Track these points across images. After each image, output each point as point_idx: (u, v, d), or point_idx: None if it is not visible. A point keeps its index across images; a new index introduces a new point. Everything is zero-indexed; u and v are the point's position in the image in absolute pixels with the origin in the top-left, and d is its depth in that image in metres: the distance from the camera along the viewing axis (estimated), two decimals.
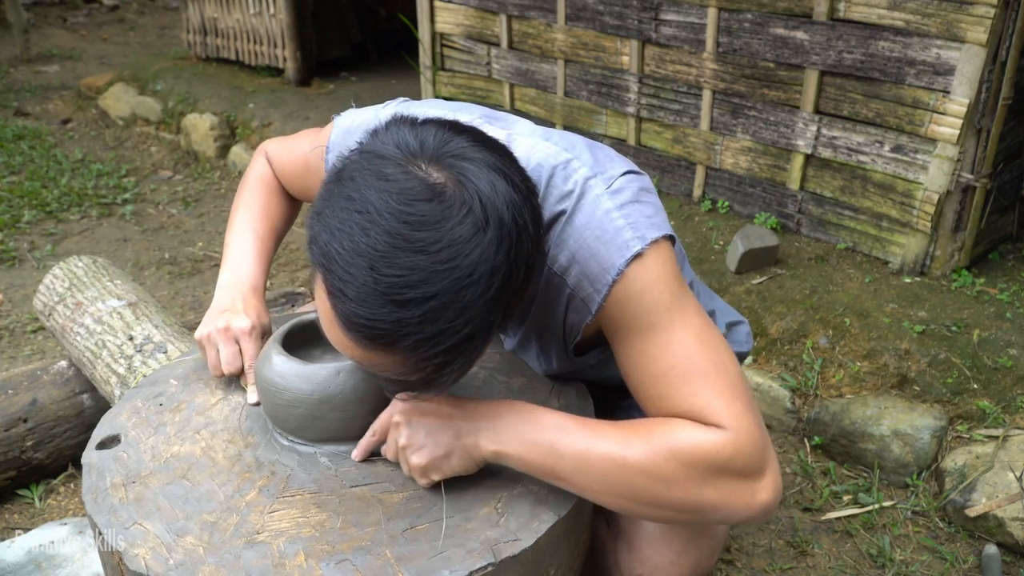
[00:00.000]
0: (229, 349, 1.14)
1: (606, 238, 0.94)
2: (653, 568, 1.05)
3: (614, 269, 0.93)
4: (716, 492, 0.87)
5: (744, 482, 0.88)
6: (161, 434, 1.07)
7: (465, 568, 0.84)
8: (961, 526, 1.83)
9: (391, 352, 0.80)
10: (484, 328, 0.81)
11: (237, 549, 0.87)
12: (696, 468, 0.87)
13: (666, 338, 0.93)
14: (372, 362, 0.83)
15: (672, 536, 1.04)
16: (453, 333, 0.78)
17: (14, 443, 1.88)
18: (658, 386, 0.94)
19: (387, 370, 0.83)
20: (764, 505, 0.89)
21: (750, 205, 2.89)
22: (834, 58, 2.49)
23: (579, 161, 1.00)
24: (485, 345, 0.84)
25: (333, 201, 0.79)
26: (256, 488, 0.96)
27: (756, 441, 0.89)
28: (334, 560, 0.86)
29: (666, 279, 0.95)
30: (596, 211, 0.95)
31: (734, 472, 0.87)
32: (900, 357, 2.12)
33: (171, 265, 3.26)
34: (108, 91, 5.25)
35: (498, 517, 0.91)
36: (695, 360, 0.92)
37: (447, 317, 0.77)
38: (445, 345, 0.79)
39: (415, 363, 0.81)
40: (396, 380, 0.85)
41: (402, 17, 4.28)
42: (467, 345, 0.80)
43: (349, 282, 0.77)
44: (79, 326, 1.80)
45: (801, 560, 1.77)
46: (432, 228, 0.76)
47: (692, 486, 0.87)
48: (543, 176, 0.99)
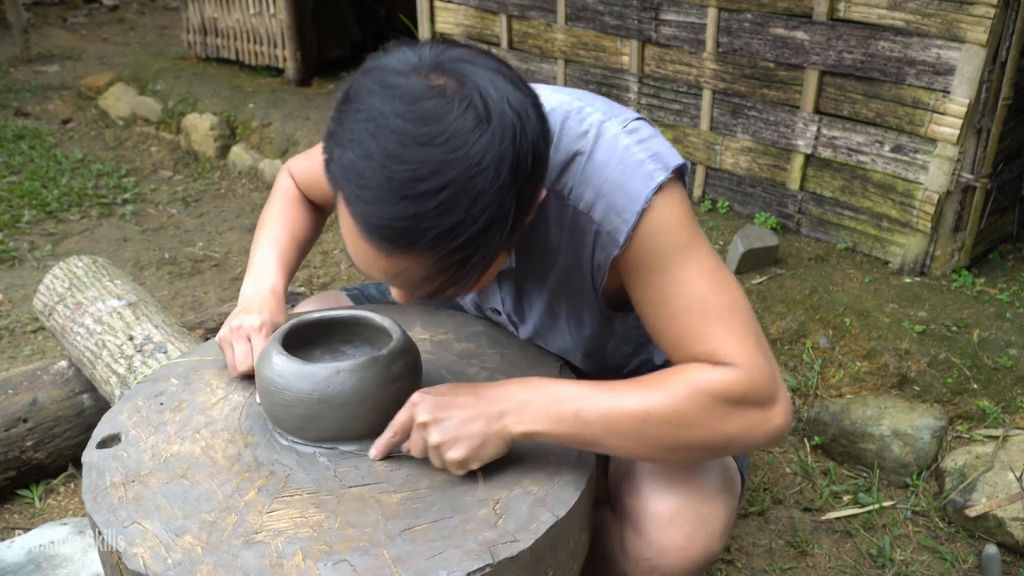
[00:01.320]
0: (241, 347, 1.16)
1: (630, 171, 0.97)
2: (662, 552, 1.04)
3: (642, 198, 0.96)
4: (736, 425, 0.93)
5: (760, 411, 0.94)
6: (161, 433, 1.07)
7: (463, 569, 0.84)
8: (961, 526, 1.83)
9: (413, 253, 0.83)
10: (500, 217, 0.83)
11: (235, 549, 0.87)
12: (716, 407, 0.93)
13: (682, 277, 0.97)
14: (398, 269, 0.86)
15: (681, 519, 1.03)
16: (470, 224, 0.81)
17: (14, 443, 1.88)
18: (676, 325, 0.98)
19: (414, 275, 0.86)
20: (779, 429, 0.95)
21: (750, 205, 2.89)
22: (834, 58, 2.49)
23: (592, 107, 1.03)
24: (503, 238, 0.86)
25: (343, 118, 0.84)
26: (255, 488, 0.96)
27: (767, 374, 0.94)
28: (332, 560, 0.85)
29: (685, 213, 0.99)
30: (616, 147, 0.98)
31: (750, 404, 0.93)
32: (900, 357, 2.12)
33: (171, 265, 3.26)
34: (108, 91, 5.25)
35: (496, 518, 0.91)
36: (709, 300, 0.96)
37: (462, 207, 0.80)
38: (464, 237, 0.82)
39: (438, 262, 0.84)
40: (424, 286, 0.88)
41: (402, 17, 4.28)
42: (485, 237, 0.83)
43: (365, 186, 0.81)
44: (79, 326, 1.80)
45: (801, 560, 1.77)
46: (436, 122, 0.79)
47: (715, 424, 0.93)
48: (557, 120, 1.01)
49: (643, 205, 0.96)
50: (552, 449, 1.02)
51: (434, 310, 1.39)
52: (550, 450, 1.02)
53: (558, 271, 1.10)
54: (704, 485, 1.05)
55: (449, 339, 1.28)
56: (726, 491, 1.07)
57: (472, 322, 1.34)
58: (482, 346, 1.26)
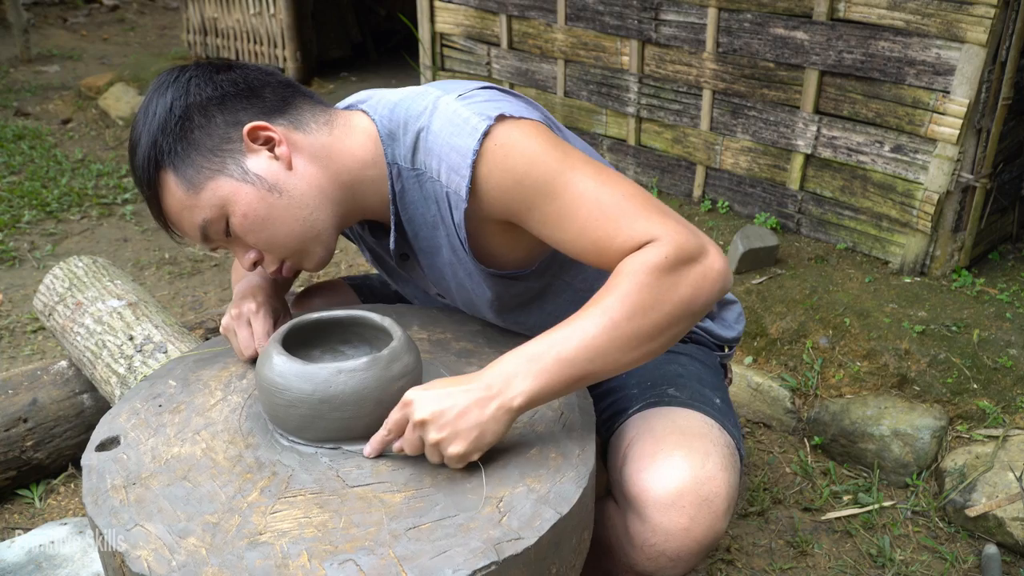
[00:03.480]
0: (244, 332, 1.21)
1: (457, 130, 1.04)
2: (666, 536, 1.04)
3: (470, 151, 1.02)
4: (687, 286, 0.99)
5: (697, 264, 0.99)
6: (161, 435, 1.07)
7: (469, 567, 0.84)
8: (961, 526, 1.83)
9: (165, 174, 1.08)
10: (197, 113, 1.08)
11: (240, 550, 0.87)
12: (662, 280, 0.97)
13: (570, 194, 1.02)
14: (183, 204, 1.09)
15: (683, 501, 1.04)
16: None
17: (14, 443, 1.88)
18: (588, 236, 1.02)
19: (195, 209, 1.09)
20: (721, 270, 1.01)
21: (750, 205, 2.89)
22: (834, 58, 2.49)
23: (433, 88, 1.12)
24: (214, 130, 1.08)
25: None
26: (258, 489, 0.96)
27: (685, 233, 1.00)
28: (338, 560, 0.86)
29: (530, 143, 1.03)
30: (447, 113, 1.06)
31: (685, 263, 0.98)
32: (900, 357, 2.12)
33: (171, 265, 3.26)
34: (108, 91, 5.25)
35: (500, 516, 0.91)
36: (604, 200, 1.01)
37: None
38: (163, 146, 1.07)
39: (188, 175, 1.07)
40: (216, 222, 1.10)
41: (402, 17, 4.28)
42: (190, 136, 1.07)
43: None
44: (79, 326, 1.80)
45: (801, 560, 1.77)
46: None
47: (671, 294, 0.98)
48: (401, 108, 1.12)
49: (472, 158, 1.02)
50: (553, 446, 1.03)
51: (432, 310, 1.40)
52: (551, 447, 1.03)
53: (445, 243, 1.16)
54: (704, 466, 1.05)
55: (447, 338, 1.29)
56: (726, 469, 1.07)
57: (470, 321, 1.34)
58: (479, 345, 1.27)
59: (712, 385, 1.28)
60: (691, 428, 1.11)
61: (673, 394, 1.20)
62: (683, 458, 1.05)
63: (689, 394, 1.21)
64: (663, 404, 1.19)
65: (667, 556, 1.06)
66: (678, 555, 1.05)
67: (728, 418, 1.20)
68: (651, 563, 1.08)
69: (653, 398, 1.21)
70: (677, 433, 1.10)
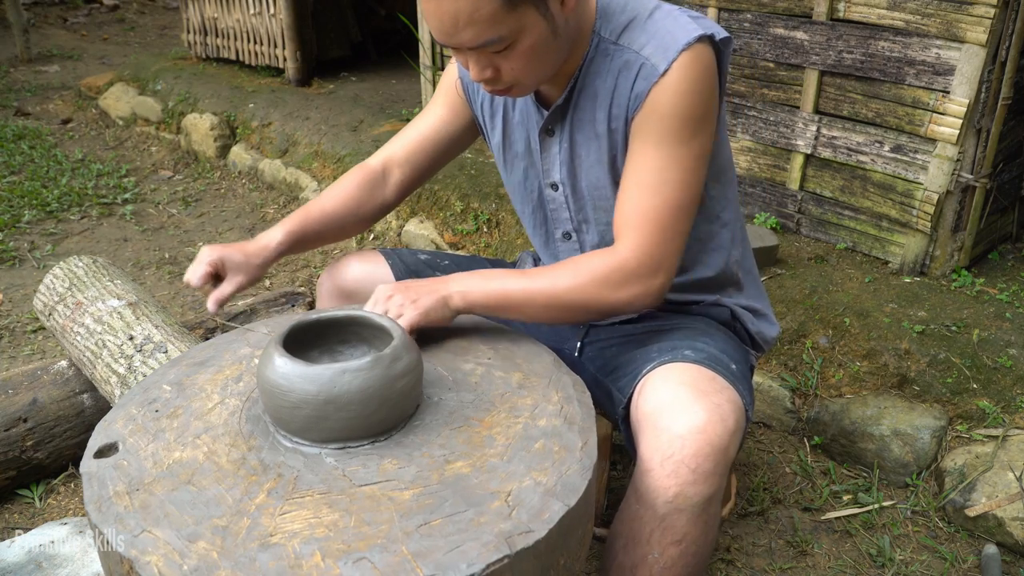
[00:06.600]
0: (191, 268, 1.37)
1: (679, 25, 1.18)
2: (682, 442, 1.10)
3: (686, 39, 1.16)
4: (625, 295, 1.22)
5: (645, 281, 1.21)
6: (160, 440, 1.06)
7: (483, 561, 0.85)
8: (961, 526, 1.84)
9: None
10: None
11: (252, 552, 0.87)
12: (607, 286, 1.21)
13: (660, 161, 1.19)
14: (490, 13, 1.08)
15: (696, 406, 1.12)
16: None
17: (14, 443, 1.88)
18: (625, 196, 1.22)
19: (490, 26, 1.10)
20: (656, 295, 1.23)
21: (750, 205, 2.89)
22: (834, 58, 2.49)
23: None
24: None
25: None
26: (264, 491, 0.96)
27: (653, 256, 1.20)
28: (351, 559, 0.86)
29: (707, 87, 1.18)
30: (672, 13, 1.21)
31: (634, 279, 1.21)
32: (900, 357, 2.12)
33: (171, 265, 3.26)
34: (108, 91, 5.25)
35: (509, 510, 0.92)
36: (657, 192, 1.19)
37: None
38: None
39: None
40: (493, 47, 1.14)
41: (402, 17, 4.28)
42: None
43: None
44: (79, 326, 1.81)
45: (801, 560, 1.77)
46: None
47: (607, 296, 1.21)
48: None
49: (685, 44, 1.15)
50: (556, 439, 1.04)
51: None
52: (554, 441, 1.04)
53: (603, 117, 1.27)
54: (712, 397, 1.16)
55: (440, 334, 1.30)
56: (732, 402, 1.18)
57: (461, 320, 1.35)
58: (473, 342, 1.28)
59: (733, 358, 1.33)
60: (703, 376, 1.21)
61: (689, 355, 1.27)
62: (692, 384, 1.17)
63: (705, 355, 1.27)
64: (678, 361, 1.26)
65: (686, 465, 1.10)
66: (696, 462, 1.10)
67: (741, 383, 1.25)
68: (672, 480, 1.11)
69: (669, 358, 1.27)
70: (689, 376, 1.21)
